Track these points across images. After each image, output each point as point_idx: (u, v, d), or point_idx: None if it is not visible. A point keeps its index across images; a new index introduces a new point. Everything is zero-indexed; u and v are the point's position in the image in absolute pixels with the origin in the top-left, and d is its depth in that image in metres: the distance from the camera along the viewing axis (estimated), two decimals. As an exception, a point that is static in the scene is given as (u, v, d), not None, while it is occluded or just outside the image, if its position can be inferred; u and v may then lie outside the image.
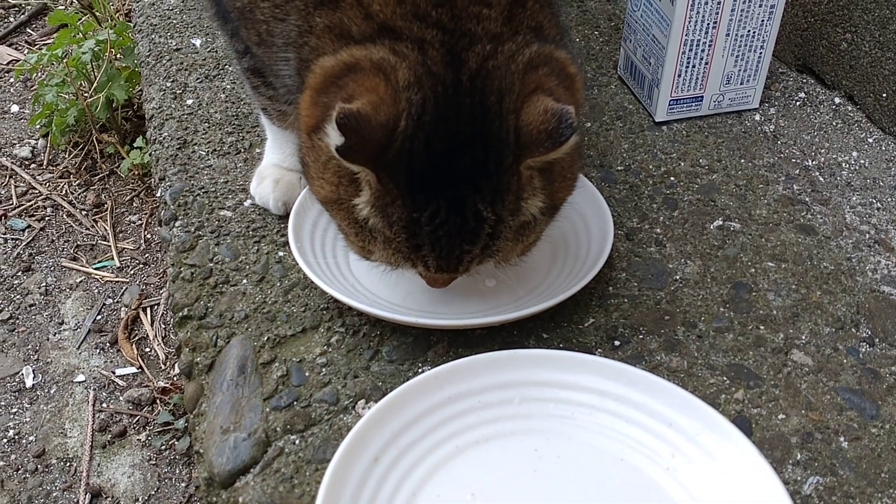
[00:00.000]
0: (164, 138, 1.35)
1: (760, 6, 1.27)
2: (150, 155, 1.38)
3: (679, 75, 1.31)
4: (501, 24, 0.85)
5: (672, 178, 1.25)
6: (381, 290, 1.05)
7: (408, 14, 0.84)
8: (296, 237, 1.07)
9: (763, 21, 1.29)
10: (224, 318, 1.06)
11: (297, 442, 0.92)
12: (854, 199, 1.22)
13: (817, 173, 1.26)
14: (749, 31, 1.29)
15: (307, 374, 0.99)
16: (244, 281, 1.11)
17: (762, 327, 1.03)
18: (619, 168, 1.27)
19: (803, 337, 1.02)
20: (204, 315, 1.07)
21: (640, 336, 1.02)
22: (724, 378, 0.97)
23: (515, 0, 0.88)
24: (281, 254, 1.14)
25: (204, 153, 1.32)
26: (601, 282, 1.08)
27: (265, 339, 1.03)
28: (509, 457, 0.85)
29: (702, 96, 1.34)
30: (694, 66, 1.31)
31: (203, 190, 1.25)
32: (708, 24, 1.26)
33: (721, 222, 1.17)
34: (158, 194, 1.27)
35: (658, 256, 1.13)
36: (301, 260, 1.03)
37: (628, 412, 0.87)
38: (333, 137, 0.77)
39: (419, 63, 0.82)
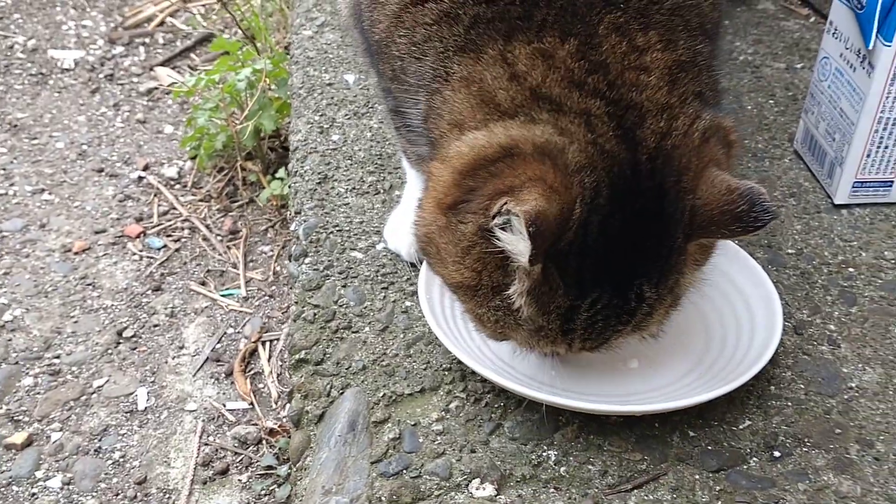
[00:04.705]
0: (305, 171, 1.31)
1: (973, 86, 1.12)
2: (289, 187, 1.35)
3: (868, 155, 1.17)
4: (667, 92, 0.77)
5: (851, 270, 1.10)
6: (510, 357, 0.95)
7: (562, 80, 0.76)
8: (427, 288, 1.00)
9: (974, 103, 1.13)
10: (341, 367, 0.99)
11: (401, 517, 0.83)
12: None
13: None
14: (956, 113, 1.14)
15: (421, 440, 0.90)
16: (367, 329, 1.04)
17: (955, 458, 0.87)
18: (789, 251, 1.13)
19: None
20: (321, 361, 1.00)
21: (805, 449, 0.88)
22: (907, 514, 0.81)
23: (676, 63, 0.79)
24: (408, 303, 1.07)
25: (343, 190, 1.27)
26: (761, 379, 0.95)
27: (381, 394, 0.95)
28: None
29: (892, 181, 1.19)
30: (887, 148, 1.16)
31: (337, 228, 1.20)
32: (909, 101, 1.12)
33: (908, 327, 1.02)
34: (292, 228, 1.22)
35: (831, 357, 0.98)
36: (429, 313, 0.96)
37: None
38: (513, 242, 0.71)
39: (589, 142, 0.74)
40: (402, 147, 1.12)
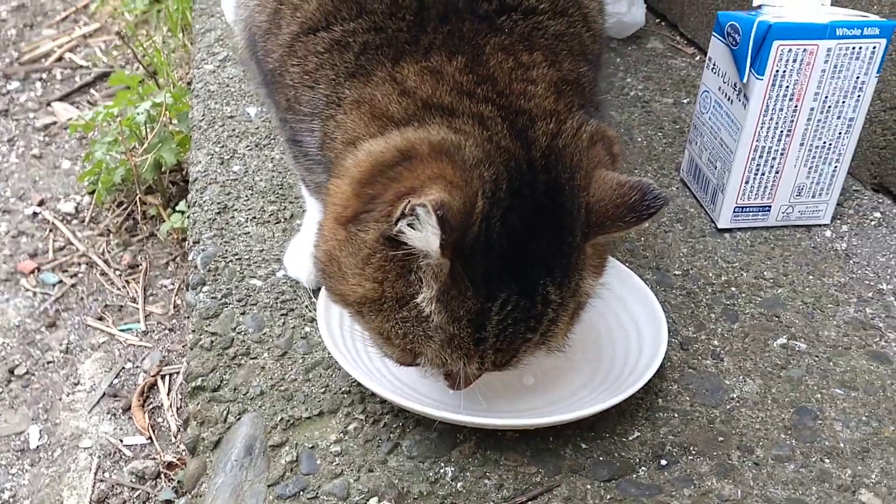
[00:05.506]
0: (204, 202, 1.31)
1: (839, 118, 1.20)
2: (188, 217, 1.34)
3: (746, 182, 1.24)
4: (553, 101, 0.81)
5: (733, 289, 1.16)
6: (408, 377, 0.97)
7: (451, 91, 0.80)
8: (326, 313, 1.00)
9: (841, 133, 1.21)
10: (238, 393, 0.99)
11: (297, 537, 0.82)
12: (933, 329, 1.11)
13: (892, 298, 1.16)
14: (825, 142, 1.22)
15: (318, 462, 0.90)
16: (265, 354, 1.04)
17: (827, 460, 0.92)
18: (676, 272, 1.19)
19: (873, 475, 0.90)
20: (218, 387, 0.99)
21: (690, 457, 0.92)
22: (784, 514, 0.86)
23: (562, 79, 0.84)
24: (307, 329, 1.08)
25: (243, 220, 1.27)
26: (650, 392, 0.98)
27: (278, 419, 0.95)
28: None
29: (769, 206, 1.26)
30: (763, 174, 1.23)
31: (237, 256, 1.19)
32: (782, 131, 1.20)
33: (785, 340, 1.08)
34: (190, 257, 1.22)
35: (714, 371, 1.03)
36: (328, 337, 0.96)
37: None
38: (421, 237, 0.71)
39: (485, 138, 0.77)
40: (301, 176, 1.13)
